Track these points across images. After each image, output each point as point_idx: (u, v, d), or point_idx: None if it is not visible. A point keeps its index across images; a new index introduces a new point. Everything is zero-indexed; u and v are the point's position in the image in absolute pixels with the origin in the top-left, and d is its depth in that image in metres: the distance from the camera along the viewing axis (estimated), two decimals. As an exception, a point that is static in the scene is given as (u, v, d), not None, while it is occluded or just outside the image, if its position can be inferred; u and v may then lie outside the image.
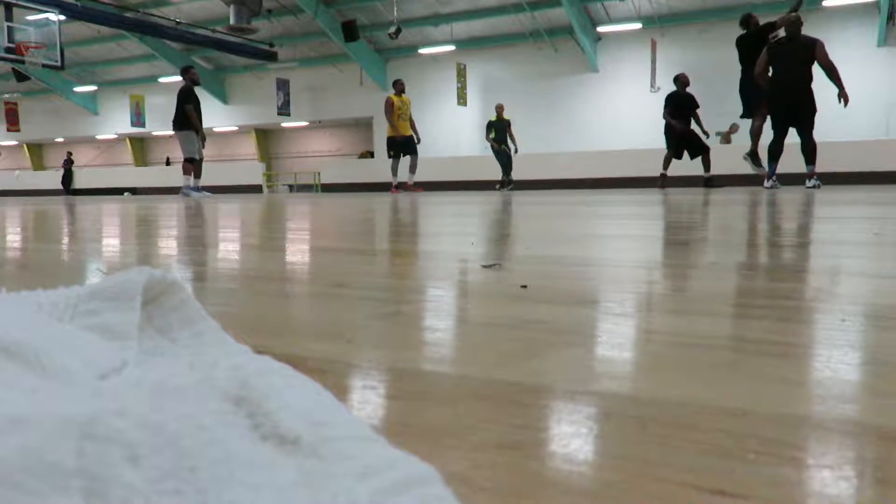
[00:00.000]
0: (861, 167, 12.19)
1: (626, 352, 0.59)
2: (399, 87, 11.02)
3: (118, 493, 0.20)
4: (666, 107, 9.91)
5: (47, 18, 15.59)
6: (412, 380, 0.52)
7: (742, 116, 8.84)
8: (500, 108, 12.87)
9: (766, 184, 8.25)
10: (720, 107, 18.13)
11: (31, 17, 16.11)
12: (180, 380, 0.25)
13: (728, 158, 11.33)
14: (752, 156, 8.72)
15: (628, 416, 0.42)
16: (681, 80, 9.94)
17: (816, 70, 7.92)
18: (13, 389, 0.23)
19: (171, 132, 10.38)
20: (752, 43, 8.39)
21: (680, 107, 9.85)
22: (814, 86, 8.10)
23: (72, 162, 21.85)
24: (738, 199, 4.84)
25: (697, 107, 10.06)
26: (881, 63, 16.70)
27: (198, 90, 10.46)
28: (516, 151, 13.07)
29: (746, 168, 8.91)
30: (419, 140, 11.28)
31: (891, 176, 11.77)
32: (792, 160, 8.85)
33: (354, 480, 0.23)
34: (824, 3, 16.56)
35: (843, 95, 7.91)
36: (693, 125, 9.98)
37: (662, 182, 10.00)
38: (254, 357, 0.30)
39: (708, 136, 10.06)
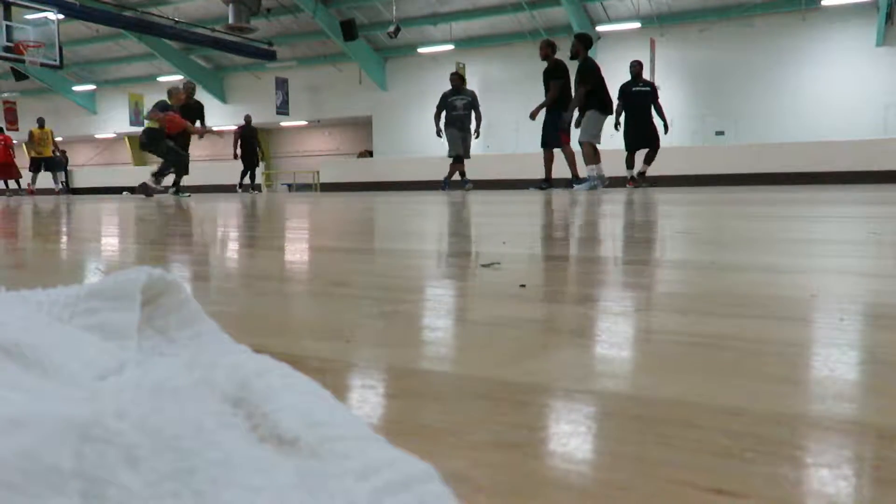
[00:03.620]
0: (859, 166, 12.20)
1: (624, 350, 0.59)
2: None
3: (116, 496, 0.20)
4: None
5: (46, 17, 15.57)
6: (411, 379, 0.52)
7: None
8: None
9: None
10: (719, 107, 18.15)
11: (29, 16, 16.08)
12: (179, 380, 0.25)
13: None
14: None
15: (627, 415, 0.42)
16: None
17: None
18: (12, 390, 0.23)
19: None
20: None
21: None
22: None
23: (66, 161, 21.82)
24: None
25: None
26: (880, 63, 16.72)
27: (197, 89, 10.94)
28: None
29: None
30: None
31: (889, 175, 11.78)
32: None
33: (353, 480, 0.23)
34: (823, 3, 16.57)
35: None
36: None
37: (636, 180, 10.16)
38: (253, 357, 0.30)
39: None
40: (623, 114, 10.00)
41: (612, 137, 10.22)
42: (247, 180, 15.20)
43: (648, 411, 0.43)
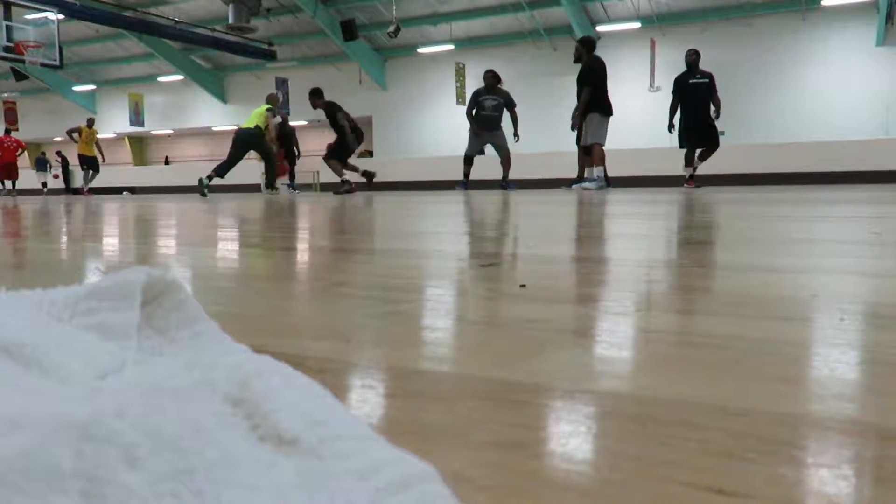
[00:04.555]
0: (859, 166, 12.20)
1: (625, 350, 0.59)
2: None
3: (116, 495, 0.20)
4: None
5: (46, 17, 15.57)
6: (411, 379, 0.52)
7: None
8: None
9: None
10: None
11: (29, 16, 16.09)
12: (179, 380, 0.25)
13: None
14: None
15: (627, 415, 0.42)
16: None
17: None
18: (12, 389, 0.23)
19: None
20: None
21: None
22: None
23: (66, 161, 21.79)
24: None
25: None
26: (880, 63, 16.72)
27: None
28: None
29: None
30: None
31: (889, 175, 11.78)
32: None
33: (353, 480, 0.23)
34: (823, 3, 16.57)
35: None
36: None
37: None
38: (253, 357, 0.30)
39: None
40: (679, 109, 9.00)
41: (670, 138, 9.72)
42: (274, 180, 14.80)
43: (648, 411, 0.43)
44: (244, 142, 10.34)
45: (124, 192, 18.99)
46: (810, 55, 17.19)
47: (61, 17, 15.63)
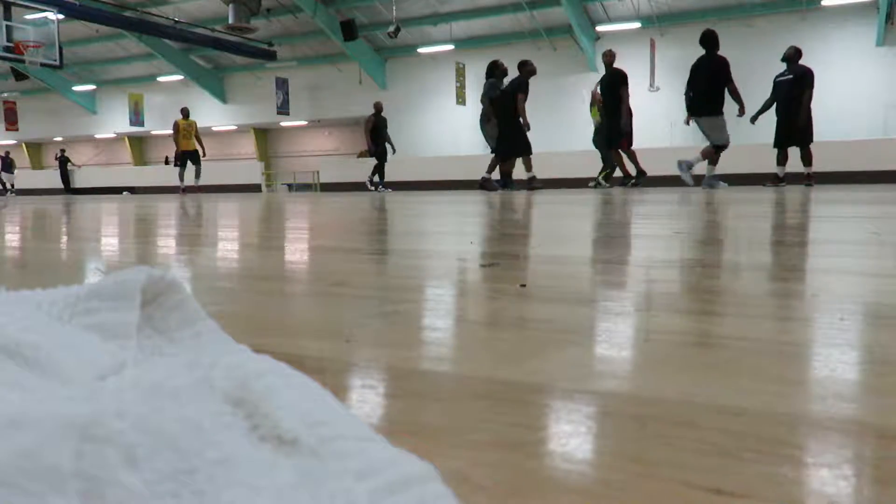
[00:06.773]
0: (859, 166, 12.21)
1: (624, 351, 0.59)
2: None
3: (116, 496, 0.20)
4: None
5: (46, 17, 15.57)
6: (411, 379, 0.52)
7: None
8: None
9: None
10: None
11: (29, 16, 16.09)
12: (179, 380, 0.25)
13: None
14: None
15: (627, 415, 0.42)
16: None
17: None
18: (12, 389, 0.23)
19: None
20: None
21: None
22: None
23: (66, 160, 21.68)
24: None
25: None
26: (880, 63, 16.72)
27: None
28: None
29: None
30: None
31: (889, 175, 11.79)
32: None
33: (353, 480, 0.23)
34: (823, 3, 16.57)
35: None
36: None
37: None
38: (253, 357, 0.30)
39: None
40: (773, 106, 8.87)
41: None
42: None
43: (648, 411, 0.43)
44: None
45: (124, 192, 18.98)
46: (810, 55, 17.14)
47: (61, 17, 15.62)
